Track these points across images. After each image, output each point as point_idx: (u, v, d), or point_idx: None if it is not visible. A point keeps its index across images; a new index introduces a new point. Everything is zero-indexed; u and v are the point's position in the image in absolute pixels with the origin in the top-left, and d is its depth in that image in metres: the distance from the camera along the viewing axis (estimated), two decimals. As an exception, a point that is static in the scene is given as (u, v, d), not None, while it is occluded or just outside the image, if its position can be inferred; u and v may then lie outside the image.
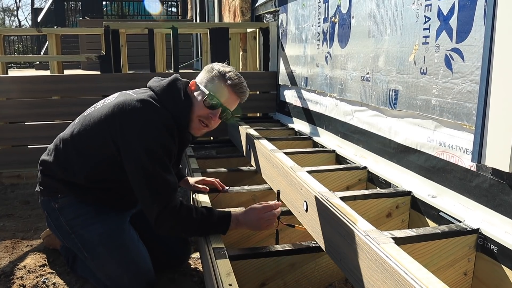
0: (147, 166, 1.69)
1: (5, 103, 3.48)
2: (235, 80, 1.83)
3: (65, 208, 1.89)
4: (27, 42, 17.92)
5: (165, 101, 1.80)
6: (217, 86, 1.82)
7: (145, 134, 1.71)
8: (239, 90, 1.85)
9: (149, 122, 1.72)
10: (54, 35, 4.28)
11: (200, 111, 1.83)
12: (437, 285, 1.04)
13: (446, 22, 1.66)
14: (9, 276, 2.02)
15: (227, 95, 1.83)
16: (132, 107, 1.74)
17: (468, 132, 1.59)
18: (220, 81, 1.83)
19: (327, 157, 2.57)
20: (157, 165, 1.71)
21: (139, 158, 1.70)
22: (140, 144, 1.70)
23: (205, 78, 1.86)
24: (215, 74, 1.84)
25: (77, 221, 1.87)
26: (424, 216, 1.78)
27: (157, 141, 1.71)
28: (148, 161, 1.69)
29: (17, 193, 3.28)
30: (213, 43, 3.86)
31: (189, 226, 1.76)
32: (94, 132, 1.80)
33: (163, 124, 1.74)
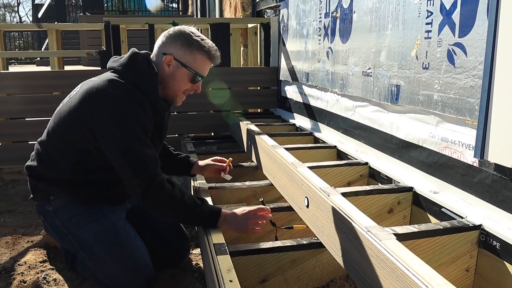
0: (122, 143, 1.69)
1: (5, 99, 3.48)
2: (215, 54, 1.87)
3: (59, 210, 1.89)
4: (28, 38, 17.90)
5: (129, 76, 1.80)
6: (199, 61, 1.85)
7: (115, 112, 1.71)
8: (216, 61, 1.90)
9: (117, 100, 1.72)
10: (54, 31, 4.27)
11: (185, 86, 1.88)
12: (439, 281, 1.04)
13: (449, 17, 1.64)
14: (10, 272, 2.02)
15: (207, 67, 1.89)
16: (96, 90, 1.74)
17: (471, 127, 1.57)
18: (202, 56, 1.85)
19: (328, 153, 2.56)
20: (133, 139, 1.70)
21: (114, 136, 1.70)
22: (112, 122, 1.70)
23: (183, 52, 1.83)
24: (196, 46, 1.83)
25: (71, 221, 1.87)
26: (426, 212, 1.77)
27: (128, 116, 1.71)
28: (123, 137, 1.69)
29: (18, 189, 3.27)
30: (214, 38, 3.84)
31: (178, 207, 1.75)
32: (67, 125, 1.81)
33: (131, 98, 1.74)
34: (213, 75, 3.71)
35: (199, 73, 1.86)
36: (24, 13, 50.99)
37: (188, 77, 1.86)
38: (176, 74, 1.85)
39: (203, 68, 1.87)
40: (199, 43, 1.83)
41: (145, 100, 1.78)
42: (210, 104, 3.70)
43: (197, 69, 1.85)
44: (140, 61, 1.84)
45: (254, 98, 4.00)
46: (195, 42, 1.82)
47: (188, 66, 1.83)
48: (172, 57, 1.83)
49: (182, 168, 2.28)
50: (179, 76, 1.85)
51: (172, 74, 1.85)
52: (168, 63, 1.84)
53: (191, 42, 1.82)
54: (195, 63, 1.84)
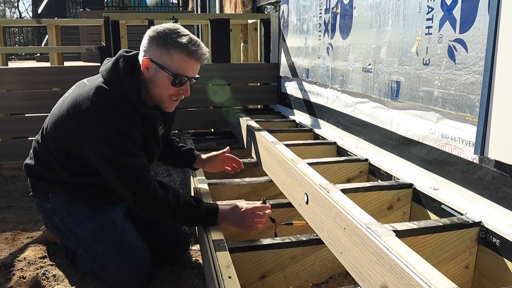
0: (109, 156, 1.65)
1: (5, 94, 3.47)
2: (194, 49, 1.67)
3: (58, 207, 1.89)
4: (28, 34, 17.88)
5: (113, 83, 1.71)
6: (178, 61, 1.66)
7: (99, 125, 1.65)
8: (200, 57, 1.70)
9: (101, 111, 1.65)
10: (54, 26, 4.26)
11: (169, 91, 1.73)
12: (438, 278, 1.03)
13: (450, 12, 1.63)
14: (9, 268, 2.02)
15: (190, 66, 1.69)
16: (82, 98, 1.68)
17: (471, 124, 1.57)
18: (179, 55, 1.66)
19: (328, 149, 2.56)
20: (120, 152, 1.65)
21: (100, 149, 1.66)
22: (97, 135, 1.65)
23: (160, 53, 1.67)
24: (171, 44, 1.65)
25: (70, 219, 1.87)
26: (426, 208, 1.77)
27: (112, 128, 1.65)
28: (109, 150, 1.64)
29: (18, 185, 3.27)
30: (214, 34, 3.83)
31: (173, 213, 1.74)
32: (58, 130, 1.78)
33: (115, 108, 1.66)
34: (213, 71, 3.70)
35: (179, 74, 1.68)
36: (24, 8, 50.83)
37: (168, 80, 1.69)
38: (155, 78, 1.70)
39: (184, 68, 1.68)
40: (175, 40, 1.64)
41: (130, 108, 1.70)
42: (210, 100, 3.69)
43: (176, 70, 1.67)
44: (123, 66, 1.74)
45: (254, 94, 3.99)
46: (170, 40, 1.64)
47: (166, 68, 1.67)
48: (149, 60, 1.68)
49: (185, 161, 2.25)
50: (159, 80, 1.70)
51: (152, 79, 1.71)
52: (147, 67, 1.70)
53: (166, 40, 1.65)
54: (173, 63, 1.66)
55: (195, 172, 2.35)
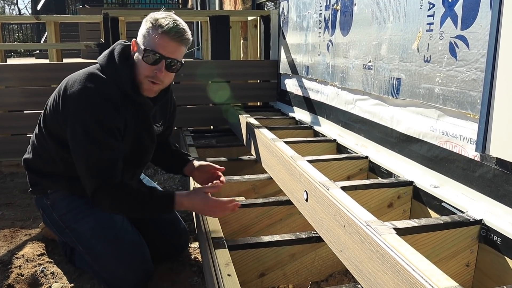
0: (81, 143, 1.67)
1: (4, 91, 3.45)
2: (169, 25, 1.67)
3: (57, 203, 1.88)
4: (27, 31, 17.84)
5: (107, 70, 1.74)
6: (153, 38, 1.67)
7: (82, 109, 1.67)
8: (176, 35, 1.68)
9: (86, 96, 1.67)
10: (53, 23, 4.24)
11: (145, 71, 1.71)
12: (439, 276, 1.02)
13: (451, 9, 1.62)
14: (7, 265, 2.01)
15: (165, 44, 1.68)
16: (73, 82, 1.72)
17: (472, 121, 1.56)
18: (154, 32, 1.67)
19: (328, 147, 2.55)
20: (92, 141, 1.67)
21: (75, 135, 1.68)
22: (76, 121, 1.67)
23: (141, 33, 1.72)
24: (148, 26, 1.69)
25: (69, 215, 1.86)
26: (426, 206, 1.76)
27: (93, 115, 1.66)
28: (83, 138, 1.67)
29: (17, 182, 3.26)
30: (214, 31, 3.81)
31: (127, 207, 1.75)
32: (50, 118, 1.80)
33: (102, 95, 1.68)
34: (213, 68, 3.69)
35: (152, 50, 1.67)
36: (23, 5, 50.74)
37: (144, 58, 1.69)
38: (138, 58, 1.73)
39: (157, 44, 1.67)
40: (155, 20, 1.68)
41: (120, 96, 1.71)
42: (210, 97, 3.68)
43: (151, 46, 1.67)
44: (118, 53, 1.76)
45: (253, 92, 3.98)
46: (152, 20, 1.68)
47: (145, 46, 1.69)
48: (135, 42, 1.74)
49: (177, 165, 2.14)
50: (139, 58, 1.72)
51: (137, 60, 1.73)
52: (133, 49, 1.75)
53: (147, 20, 1.70)
54: (151, 41, 1.68)
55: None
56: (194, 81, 3.68)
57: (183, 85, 3.70)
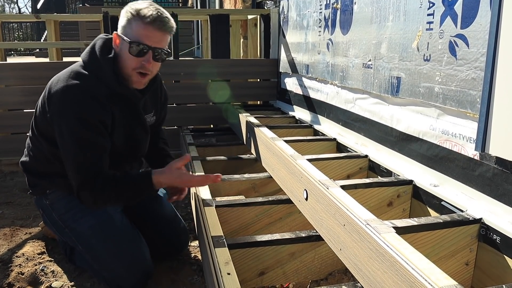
0: (66, 142, 1.70)
1: (4, 90, 3.45)
2: (153, 15, 1.66)
3: (56, 203, 1.90)
4: (27, 30, 17.83)
5: (90, 66, 1.75)
6: (137, 30, 1.67)
7: (66, 107, 1.69)
8: (161, 24, 1.69)
9: (70, 94, 1.69)
10: (53, 22, 4.23)
11: (132, 63, 1.71)
12: (438, 275, 1.02)
13: (451, 8, 1.62)
14: (8, 264, 2.01)
15: (150, 34, 1.68)
16: (57, 80, 1.74)
17: (472, 120, 1.56)
18: (137, 23, 1.67)
19: (327, 146, 2.55)
20: (77, 140, 1.69)
21: (61, 133, 1.71)
22: (60, 120, 1.70)
23: (122, 25, 1.72)
24: (130, 16, 1.69)
25: (68, 215, 1.87)
26: (426, 205, 1.76)
27: (77, 112, 1.68)
28: (67, 136, 1.69)
29: (17, 181, 3.26)
30: (214, 30, 3.81)
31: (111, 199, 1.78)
32: (40, 118, 1.82)
33: (86, 91, 1.69)
34: (213, 67, 3.69)
35: (138, 41, 1.67)
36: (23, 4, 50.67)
37: (130, 50, 1.69)
38: (122, 51, 1.72)
39: (142, 35, 1.67)
40: (135, 10, 1.68)
41: (104, 91, 1.72)
42: (210, 96, 3.68)
43: (134, 38, 1.68)
44: (99, 48, 1.77)
45: (253, 90, 3.98)
46: (134, 12, 1.68)
47: (130, 38, 1.68)
48: (117, 34, 1.73)
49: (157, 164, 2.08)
50: (123, 52, 1.72)
51: (120, 53, 1.73)
52: (116, 42, 1.74)
53: (127, 11, 1.70)
54: (132, 32, 1.68)
55: (194, 168, 2.34)
56: (194, 80, 3.68)
57: (183, 84, 3.70)
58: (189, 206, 2.65)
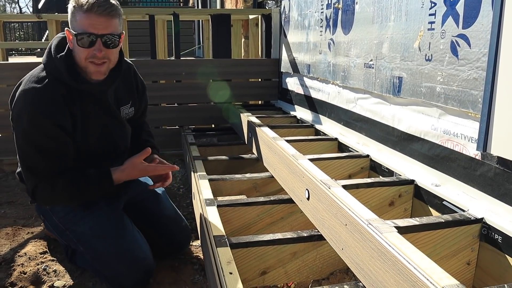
0: (20, 146, 1.73)
1: (5, 90, 3.46)
2: (90, 2, 1.63)
3: (55, 207, 1.91)
4: (28, 30, 17.84)
5: (47, 66, 1.75)
6: (80, 20, 1.65)
7: (19, 115, 1.70)
8: (101, 9, 1.64)
9: (23, 100, 1.69)
10: (54, 21, 4.24)
11: (83, 54, 1.69)
12: (440, 275, 1.03)
13: (453, 8, 1.62)
14: (10, 263, 2.01)
15: (93, 22, 1.64)
16: (18, 85, 1.76)
17: (474, 120, 1.56)
18: (79, 13, 1.65)
19: (329, 145, 2.55)
20: (30, 144, 1.71)
21: (16, 138, 1.74)
22: (16, 125, 1.72)
23: (69, 19, 1.69)
24: (72, 8, 1.67)
25: (68, 217, 1.88)
26: (427, 205, 1.77)
27: (29, 119, 1.68)
28: (22, 141, 1.72)
29: (18, 181, 3.26)
30: (215, 29, 3.82)
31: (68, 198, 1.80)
32: None
33: (40, 96, 1.68)
34: (214, 67, 3.69)
35: (83, 32, 1.64)
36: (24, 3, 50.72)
37: (78, 42, 1.66)
38: (73, 45, 1.70)
39: (86, 25, 1.64)
40: (76, 1, 1.65)
41: (61, 91, 1.71)
42: (211, 95, 3.69)
43: (80, 29, 1.65)
44: (54, 47, 1.77)
45: (255, 90, 3.98)
46: (74, 2, 1.66)
47: (75, 30, 1.66)
48: (67, 30, 1.71)
49: None
50: (73, 45, 1.70)
51: (73, 47, 1.71)
52: (68, 38, 1.72)
53: (70, 4, 1.68)
54: (77, 24, 1.66)
55: (195, 168, 2.35)
56: (196, 80, 3.69)
57: (184, 83, 3.71)
58: (190, 206, 2.65)
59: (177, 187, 3.06)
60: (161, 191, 2.17)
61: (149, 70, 3.49)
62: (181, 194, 2.93)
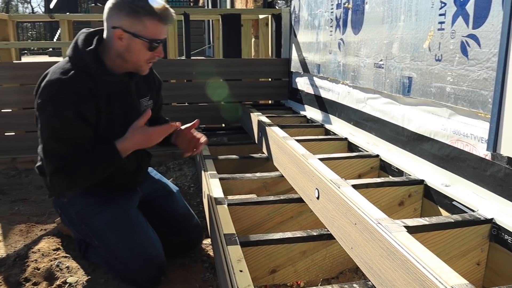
0: (43, 131, 1.76)
1: (18, 89, 3.51)
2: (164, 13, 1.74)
3: (73, 200, 1.94)
4: (40, 29, 18.01)
5: (74, 59, 1.79)
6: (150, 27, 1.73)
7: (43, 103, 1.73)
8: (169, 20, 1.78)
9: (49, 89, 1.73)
10: (66, 21, 4.28)
11: (146, 56, 1.79)
12: (449, 274, 1.03)
13: (463, 8, 1.62)
14: (24, 259, 2.05)
15: (162, 30, 1.78)
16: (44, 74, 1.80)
17: (484, 120, 1.56)
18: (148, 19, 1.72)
19: (339, 145, 2.56)
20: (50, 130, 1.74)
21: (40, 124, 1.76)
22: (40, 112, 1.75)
23: (131, 22, 1.72)
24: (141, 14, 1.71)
25: (85, 211, 1.92)
26: (437, 205, 1.77)
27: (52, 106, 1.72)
28: (44, 126, 1.75)
29: (32, 178, 3.31)
30: (225, 29, 3.83)
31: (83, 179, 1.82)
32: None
33: (65, 86, 1.73)
34: (224, 67, 3.71)
35: (154, 39, 1.75)
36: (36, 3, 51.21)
37: (144, 47, 1.76)
38: (131, 46, 1.76)
39: (157, 33, 1.76)
40: (145, 9, 1.71)
41: (85, 84, 1.75)
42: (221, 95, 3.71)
43: (151, 36, 1.74)
44: (81, 41, 1.81)
45: (265, 90, 3.99)
46: (140, 9, 1.70)
47: (141, 36, 1.73)
48: (122, 30, 1.73)
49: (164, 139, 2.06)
50: (135, 47, 1.76)
51: (128, 47, 1.76)
52: (120, 37, 1.75)
53: (136, 9, 1.71)
54: (147, 31, 1.73)
55: (206, 167, 2.37)
56: (206, 79, 3.70)
57: (195, 83, 3.73)
58: (201, 205, 2.67)
59: (187, 185, 3.08)
60: (175, 189, 2.20)
61: (160, 69, 3.48)
62: (192, 192, 2.95)
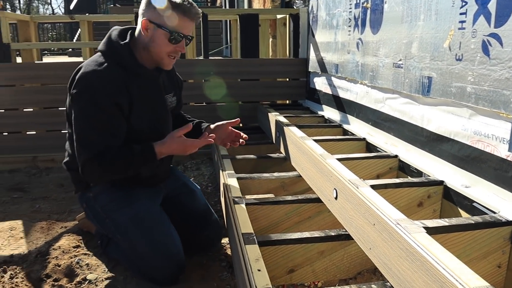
0: (78, 119, 1.81)
1: (40, 88, 3.58)
2: (189, 9, 1.82)
3: (99, 195, 1.99)
4: (60, 30, 18.29)
5: (108, 52, 1.87)
6: (174, 20, 1.81)
7: (79, 92, 1.80)
8: (196, 16, 1.86)
9: (85, 80, 1.80)
10: (86, 22, 4.34)
11: (167, 48, 1.86)
12: (470, 276, 1.02)
13: (484, 6, 1.60)
14: (45, 256, 2.09)
15: (186, 25, 1.84)
16: (78, 68, 1.87)
17: (505, 120, 1.54)
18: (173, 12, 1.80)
19: (357, 145, 2.55)
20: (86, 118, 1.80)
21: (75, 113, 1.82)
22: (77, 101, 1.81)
23: (156, 11, 1.82)
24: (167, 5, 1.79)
25: (110, 206, 1.96)
26: (457, 206, 1.75)
27: (89, 95, 1.78)
28: (80, 115, 1.81)
29: (52, 176, 3.37)
30: (243, 29, 3.84)
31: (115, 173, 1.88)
32: (69, 113, 1.91)
33: (100, 76, 1.79)
34: (242, 66, 3.72)
35: (175, 31, 1.82)
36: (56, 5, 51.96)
37: (166, 37, 1.83)
38: (154, 36, 1.84)
39: (180, 26, 1.83)
40: (171, 1, 1.80)
41: (121, 75, 1.83)
42: (239, 95, 3.72)
43: (173, 28, 1.81)
44: (115, 35, 1.89)
45: (282, 90, 3.99)
46: (167, 1, 1.80)
47: (164, 26, 1.81)
48: (148, 21, 1.82)
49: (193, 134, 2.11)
50: (158, 38, 1.84)
51: (152, 38, 1.84)
52: (146, 28, 1.83)
53: (163, 2, 1.80)
54: (170, 22, 1.81)
55: (224, 167, 2.38)
56: (224, 79, 3.72)
57: (213, 82, 3.75)
58: (218, 204, 2.69)
59: (205, 185, 3.10)
60: (197, 188, 2.25)
61: (179, 69, 3.49)
62: (210, 192, 2.97)
